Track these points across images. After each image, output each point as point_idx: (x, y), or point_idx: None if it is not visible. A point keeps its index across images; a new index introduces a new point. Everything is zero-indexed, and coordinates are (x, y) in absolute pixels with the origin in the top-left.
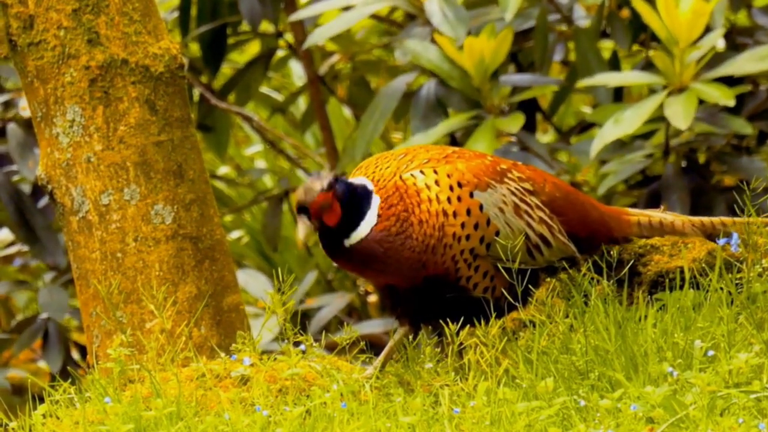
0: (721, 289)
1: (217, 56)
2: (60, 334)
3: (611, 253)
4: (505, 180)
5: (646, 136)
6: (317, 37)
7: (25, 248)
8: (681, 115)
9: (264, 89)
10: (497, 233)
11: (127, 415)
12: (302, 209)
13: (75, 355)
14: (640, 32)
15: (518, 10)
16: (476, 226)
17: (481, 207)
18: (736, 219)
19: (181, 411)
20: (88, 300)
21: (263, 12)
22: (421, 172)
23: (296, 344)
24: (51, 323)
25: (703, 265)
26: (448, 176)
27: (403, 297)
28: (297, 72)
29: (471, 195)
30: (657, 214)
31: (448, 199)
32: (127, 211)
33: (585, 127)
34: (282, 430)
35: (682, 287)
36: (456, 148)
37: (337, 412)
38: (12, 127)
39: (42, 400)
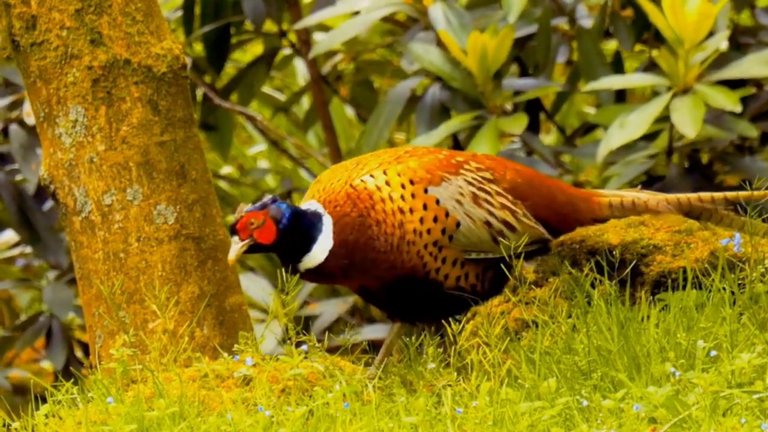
0: (724, 289)
1: (220, 56)
2: (63, 332)
3: (614, 253)
4: (461, 171)
5: (649, 136)
6: (324, 46)
7: (28, 249)
8: (689, 122)
9: (267, 89)
10: (458, 225)
11: (130, 416)
12: (231, 229)
13: (78, 353)
14: (643, 32)
15: (521, 11)
16: (435, 219)
17: (437, 201)
18: (715, 194)
19: (183, 411)
20: (91, 300)
21: (267, 11)
22: (371, 175)
23: (299, 344)
24: (54, 321)
25: (706, 265)
26: (399, 175)
27: (378, 296)
28: (300, 71)
29: (425, 191)
30: (630, 194)
31: (402, 197)
32: (130, 212)
33: (589, 128)
34: (285, 430)
35: (684, 287)
36: (409, 148)
37: (339, 412)
38: (14, 129)
39: (44, 401)
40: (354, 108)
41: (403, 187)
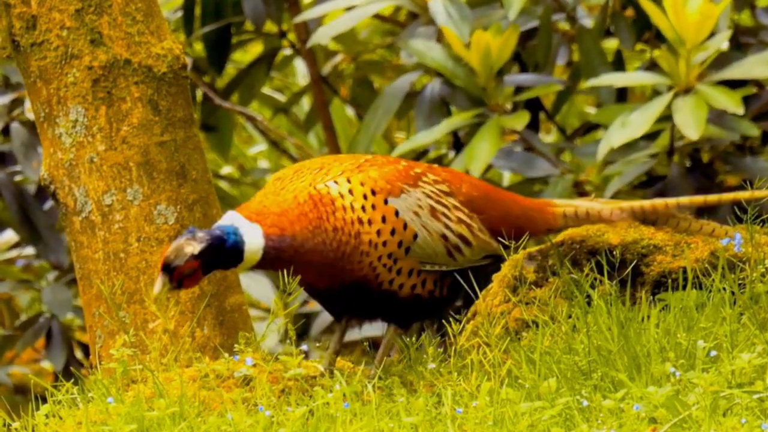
0: (724, 289)
1: (221, 56)
2: (63, 333)
3: (614, 253)
4: (420, 184)
5: (650, 135)
6: (320, 37)
7: (28, 249)
8: (692, 123)
9: (267, 89)
10: (415, 237)
11: (130, 416)
12: (167, 268)
13: (78, 354)
14: (644, 31)
15: (522, 9)
16: (393, 232)
17: (396, 213)
18: (669, 201)
19: (183, 411)
20: (91, 300)
21: (267, 12)
22: (335, 182)
23: (299, 344)
24: (54, 322)
25: (706, 265)
26: (362, 185)
27: (325, 296)
28: (300, 72)
29: (385, 202)
30: (584, 204)
31: (363, 208)
32: (130, 212)
33: (589, 128)
34: (285, 430)
35: (685, 287)
36: (369, 156)
37: (339, 412)
38: (16, 127)
39: (45, 400)
40: (354, 108)
41: (365, 197)
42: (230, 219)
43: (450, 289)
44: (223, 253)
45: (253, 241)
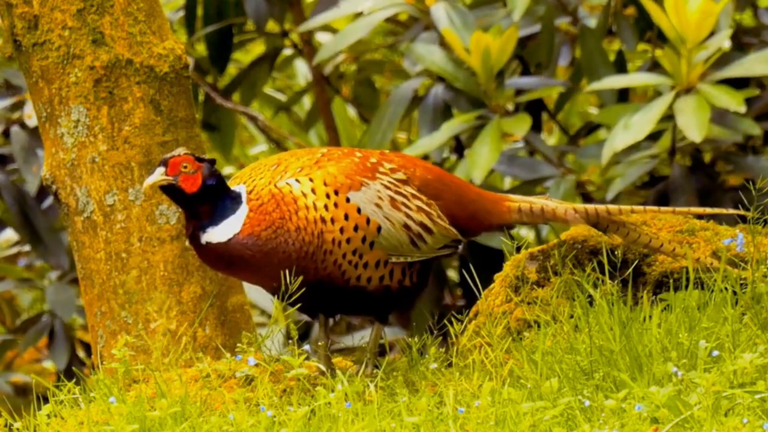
0: (726, 289)
1: (222, 56)
2: (66, 332)
3: (616, 253)
4: (377, 175)
5: (652, 135)
6: (328, 51)
7: (28, 247)
8: (694, 125)
9: (268, 89)
10: (379, 229)
11: (132, 416)
12: (163, 162)
13: (80, 353)
14: (646, 31)
15: (526, 9)
16: (356, 228)
17: (359, 210)
18: (623, 207)
19: (185, 411)
20: (93, 300)
21: (269, 12)
22: (297, 180)
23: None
24: (57, 321)
25: (708, 265)
26: (325, 184)
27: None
28: (302, 71)
29: (347, 200)
30: (539, 201)
31: (325, 207)
32: (132, 212)
33: (591, 128)
34: (287, 430)
35: (686, 287)
36: (325, 150)
37: (341, 412)
38: (16, 130)
39: (46, 401)
40: (356, 107)
41: (327, 196)
42: (240, 189)
43: (419, 275)
44: (227, 190)
45: (237, 221)
